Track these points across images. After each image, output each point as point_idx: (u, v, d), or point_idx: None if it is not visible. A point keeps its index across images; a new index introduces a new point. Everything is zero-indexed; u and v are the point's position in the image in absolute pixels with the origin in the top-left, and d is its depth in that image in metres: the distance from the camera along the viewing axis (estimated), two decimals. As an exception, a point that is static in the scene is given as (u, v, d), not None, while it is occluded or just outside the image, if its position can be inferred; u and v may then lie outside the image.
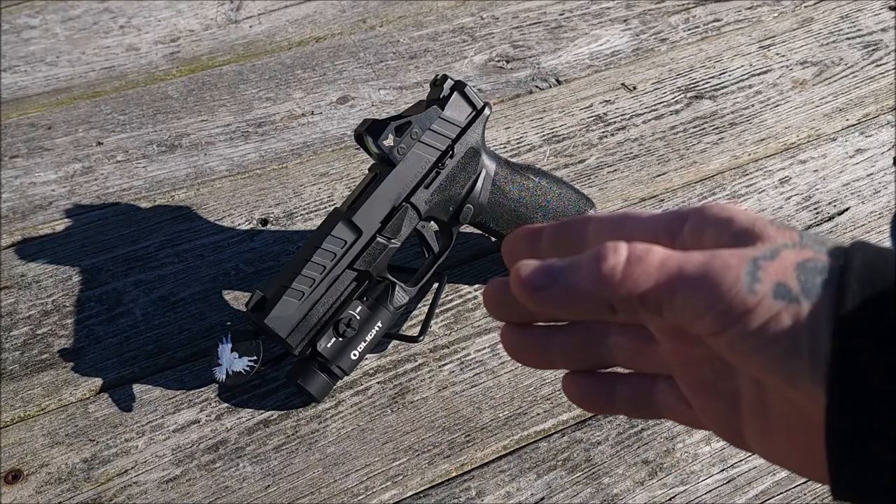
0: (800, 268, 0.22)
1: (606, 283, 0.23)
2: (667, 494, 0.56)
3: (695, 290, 0.22)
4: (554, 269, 0.24)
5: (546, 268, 0.24)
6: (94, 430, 0.60)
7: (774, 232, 0.23)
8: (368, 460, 0.58)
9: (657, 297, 0.23)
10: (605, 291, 0.23)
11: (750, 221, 0.24)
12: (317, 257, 0.57)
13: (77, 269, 0.70)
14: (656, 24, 0.93)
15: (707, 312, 0.22)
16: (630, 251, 0.23)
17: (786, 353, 0.21)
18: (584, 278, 0.24)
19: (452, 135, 0.60)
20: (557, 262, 0.24)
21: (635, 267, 0.23)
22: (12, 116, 0.84)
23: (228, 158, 0.79)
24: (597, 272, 0.23)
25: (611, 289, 0.23)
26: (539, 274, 0.24)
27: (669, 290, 0.22)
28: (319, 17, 0.95)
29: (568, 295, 0.24)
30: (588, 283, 0.23)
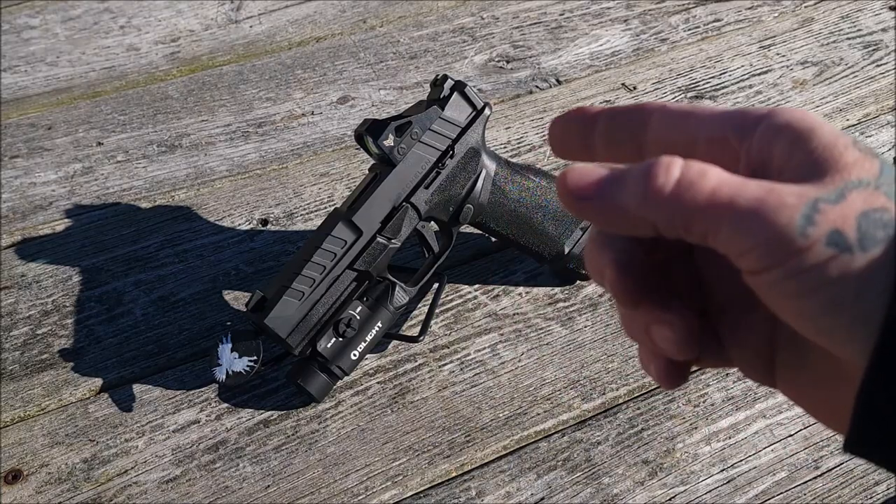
0: (863, 217, 0.20)
1: (653, 205, 0.22)
2: (667, 494, 0.56)
3: (743, 225, 0.21)
4: (602, 182, 0.23)
5: (595, 179, 0.23)
6: (94, 430, 0.60)
7: (854, 159, 0.21)
8: (368, 460, 0.58)
9: (703, 226, 0.21)
10: (650, 214, 0.22)
11: (831, 140, 0.22)
12: (317, 257, 0.57)
13: (77, 269, 0.70)
14: (656, 24, 0.93)
15: (753, 249, 0.21)
16: (683, 173, 0.22)
17: (827, 305, 0.20)
18: (630, 195, 0.22)
19: (453, 135, 0.60)
20: (607, 174, 0.23)
21: (685, 192, 0.21)
22: (12, 116, 0.84)
23: (228, 158, 0.79)
24: (644, 191, 0.22)
25: (656, 212, 0.22)
26: (587, 184, 0.23)
27: (716, 221, 0.21)
28: (319, 17, 0.95)
29: (613, 211, 0.23)
30: (634, 202, 0.22)
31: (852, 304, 0.20)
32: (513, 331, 0.65)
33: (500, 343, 0.64)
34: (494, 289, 0.68)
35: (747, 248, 0.21)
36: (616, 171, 0.23)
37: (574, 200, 0.23)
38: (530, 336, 0.65)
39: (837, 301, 0.20)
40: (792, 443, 0.58)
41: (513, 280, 0.68)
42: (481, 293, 0.67)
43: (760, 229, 0.20)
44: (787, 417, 0.59)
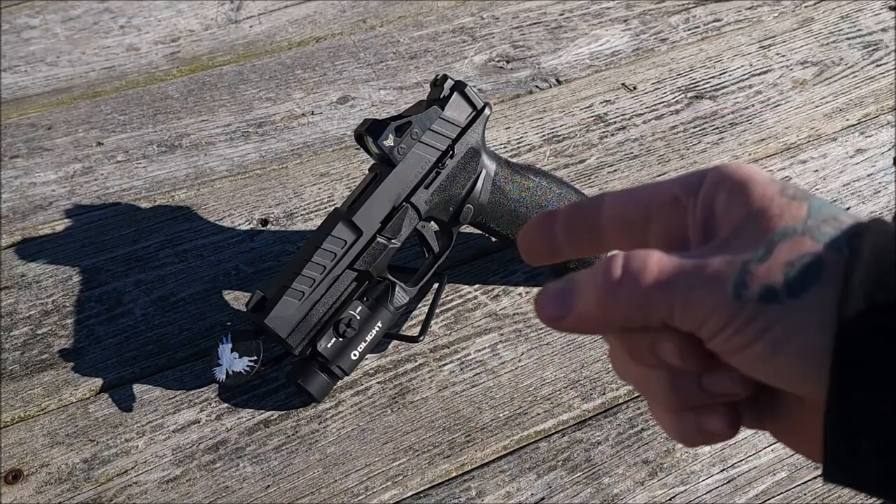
0: (788, 266, 0.22)
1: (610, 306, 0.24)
2: (667, 494, 0.56)
3: (688, 305, 0.23)
4: (564, 295, 0.25)
5: (557, 295, 0.25)
6: (94, 430, 0.60)
7: (780, 210, 0.23)
8: (368, 460, 0.58)
9: (659, 312, 0.24)
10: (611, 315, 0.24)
11: (760, 194, 0.24)
12: (317, 257, 0.57)
13: (77, 269, 0.70)
14: (656, 24, 0.93)
15: (703, 322, 0.23)
16: (625, 268, 0.24)
17: (769, 350, 0.22)
18: (589, 304, 0.25)
19: (452, 135, 0.60)
20: (565, 287, 0.25)
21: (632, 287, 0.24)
22: (12, 116, 0.84)
23: (228, 158, 0.79)
24: (598, 296, 0.24)
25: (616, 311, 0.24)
26: (553, 304, 0.25)
27: (667, 306, 0.24)
28: (319, 17, 0.95)
29: (583, 322, 0.25)
30: (595, 309, 0.25)
31: (787, 345, 0.22)
32: (513, 331, 0.65)
33: (500, 343, 0.64)
34: (494, 289, 0.68)
35: (699, 323, 0.23)
36: (569, 283, 0.25)
37: (552, 323, 0.26)
38: (530, 336, 0.65)
39: (777, 345, 0.22)
40: (792, 443, 0.58)
41: (513, 280, 0.68)
42: (481, 293, 0.67)
43: (703, 305, 0.23)
44: (787, 417, 0.59)
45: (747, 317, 0.22)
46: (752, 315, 0.22)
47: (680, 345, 0.25)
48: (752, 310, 0.22)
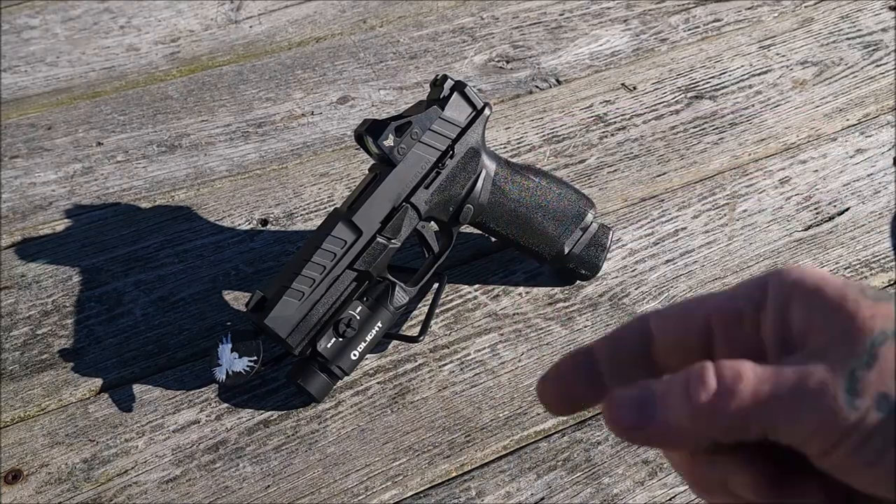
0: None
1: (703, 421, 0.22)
2: (667, 494, 0.56)
3: (795, 417, 0.21)
4: (644, 405, 0.23)
5: (635, 404, 0.23)
6: (94, 430, 0.60)
7: (870, 312, 0.21)
8: (368, 460, 0.58)
9: (759, 428, 0.22)
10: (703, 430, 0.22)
11: (841, 295, 0.22)
12: (317, 257, 0.57)
13: (77, 269, 0.70)
14: (656, 24, 0.93)
15: (813, 437, 0.21)
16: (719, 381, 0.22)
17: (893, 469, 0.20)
18: (677, 417, 0.22)
19: (452, 135, 0.60)
20: (645, 395, 0.23)
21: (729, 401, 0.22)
22: (12, 116, 0.84)
23: (228, 159, 0.79)
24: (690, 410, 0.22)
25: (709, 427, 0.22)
26: (631, 414, 0.23)
27: (770, 420, 0.21)
28: (319, 18, 0.95)
29: (670, 435, 0.23)
30: (683, 422, 0.22)
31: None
32: (513, 331, 0.65)
33: (500, 343, 0.64)
34: (494, 289, 0.68)
35: (807, 437, 0.21)
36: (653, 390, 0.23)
37: (628, 433, 0.23)
38: (530, 336, 0.65)
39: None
40: (792, 443, 0.58)
41: (513, 280, 0.68)
42: (481, 293, 0.67)
43: (813, 417, 0.21)
44: (787, 417, 0.59)
45: (867, 431, 0.20)
46: (873, 430, 0.20)
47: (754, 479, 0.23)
48: (872, 422, 0.20)
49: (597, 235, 0.65)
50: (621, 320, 0.66)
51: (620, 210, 0.74)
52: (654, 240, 0.71)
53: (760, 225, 0.72)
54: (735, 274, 0.69)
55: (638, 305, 0.67)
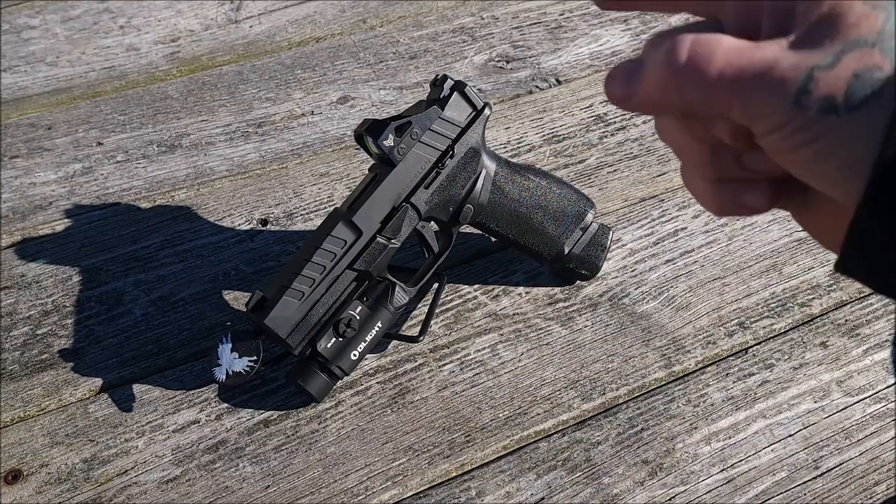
0: (853, 78, 0.22)
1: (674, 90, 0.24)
2: (667, 494, 0.56)
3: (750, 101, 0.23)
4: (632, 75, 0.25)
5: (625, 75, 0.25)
6: (94, 430, 0.60)
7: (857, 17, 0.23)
8: (368, 460, 0.58)
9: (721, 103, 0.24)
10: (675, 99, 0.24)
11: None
12: (317, 257, 0.57)
13: (77, 269, 0.70)
14: (656, 25, 0.93)
15: (760, 119, 0.23)
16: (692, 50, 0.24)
17: (816, 156, 0.23)
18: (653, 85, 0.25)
19: (452, 135, 0.60)
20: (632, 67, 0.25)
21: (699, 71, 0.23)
22: (12, 116, 0.84)
23: (228, 158, 0.79)
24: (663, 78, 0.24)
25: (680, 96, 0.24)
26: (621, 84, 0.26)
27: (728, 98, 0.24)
28: (319, 18, 0.95)
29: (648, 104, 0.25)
30: (659, 91, 0.24)
31: (834, 156, 0.23)
32: (513, 331, 0.65)
33: (499, 343, 0.64)
34: (494, 289, 0.68)
35: (755, 118, 0.24)
36: (637, 63, 0.25)
37: (618, 102, 0.26)
38: (530, 336, 0.65)
39: (825, 152, 0.23)
40: (792, 443, 0.58)
41: (513, 280, 0.68)
42: (481, 293, 0.67)
43: (763, 107, 0.23)
44: (787, 417, 0.60)
45: (802, 124, 0.23)
46: (806, 124, 0.23)
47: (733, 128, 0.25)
48: (808, 118, 0.23)
49: (597, 235, 0.65)
50: (621, 320, 0.66)
51: (620, 210, 0.74)
52: (654, 240, 0.71)
53: (760, 225, 0.72)
54: (735, 274, 0.69)
55: (638, 305, 0.67)
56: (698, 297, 0.67)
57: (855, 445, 0.58)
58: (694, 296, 0.67)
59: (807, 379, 0.62)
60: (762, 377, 0.62)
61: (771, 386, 0.61)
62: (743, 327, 0.65)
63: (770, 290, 0.67)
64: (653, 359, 0.63)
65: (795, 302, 0.67)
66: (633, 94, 0.25)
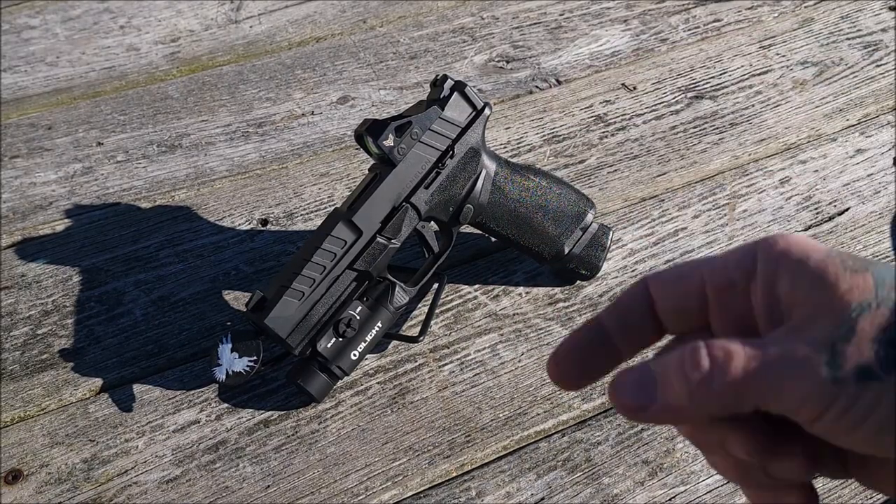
0: (876, 342, 0.22)
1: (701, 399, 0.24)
2: (667, 494, 0.56)
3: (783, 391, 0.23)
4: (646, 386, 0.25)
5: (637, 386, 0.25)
6: (94, 430, 0.60)
7: (848, 286, 0.23)
8: (368, 460, 0.58)
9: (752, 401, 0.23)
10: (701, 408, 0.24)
11: (822, 271, 0.24)
12: (317, 257, 0.57)
13: (77, 269, 0.70)
14: (656, 25, 0.93)
15: (801, 407, 0.23)
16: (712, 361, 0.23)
17: (876, 429, 0.22)
18: (676, 396, 0.24)
19: (452, 135, 0.60)
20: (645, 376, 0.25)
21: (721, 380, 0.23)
22: (12, 116, 0.84)
23: (228, 158, 0.79)
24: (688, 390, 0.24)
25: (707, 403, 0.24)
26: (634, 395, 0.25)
27: (759, 394, 0.23)
28: (319, 18, 0.95)
29: (670, 413, 0.24)
30: (684, 400, 0.24)
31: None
32: (513, 331, 0.65)
33: (500, 343, 0.64)
34: (494, 289, 0.68)
35: (796, 408, 0.23)
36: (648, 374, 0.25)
37: (632, 415, 0.25)
38: (530, 336, 0.65)
39: (885, 423, 0.22)
40: (792, 443, 0.58)
41: (513, 280, 0.68)
42: (481, 293, 0.67)
43: (799, 389, 0.23)
44: (787, 417, 0.59)
45: (848, 400, 0.22)
46: (853, 398, 0.22)
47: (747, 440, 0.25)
48: (852, 392, 0.22)
49: (597, 235, 0.65)
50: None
51: (620, 210, 0.74)
52: (654, 240, 0.71)
53: (760, 225, 0.72)
54: (735, 274, 0.68)
55: (638, 305, 0.66)
56: (698, 297, 0.67)
57: (855, 445, 0.58)
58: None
59: (807, 379, 0.62)
60: (762, 377, 0.62)
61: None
62: (743, 327, 0.65)
63: (770, 290, 0.67)
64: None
65: (795, 302, 0.66)
66: (650, 404, 0.25)
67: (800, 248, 0.25)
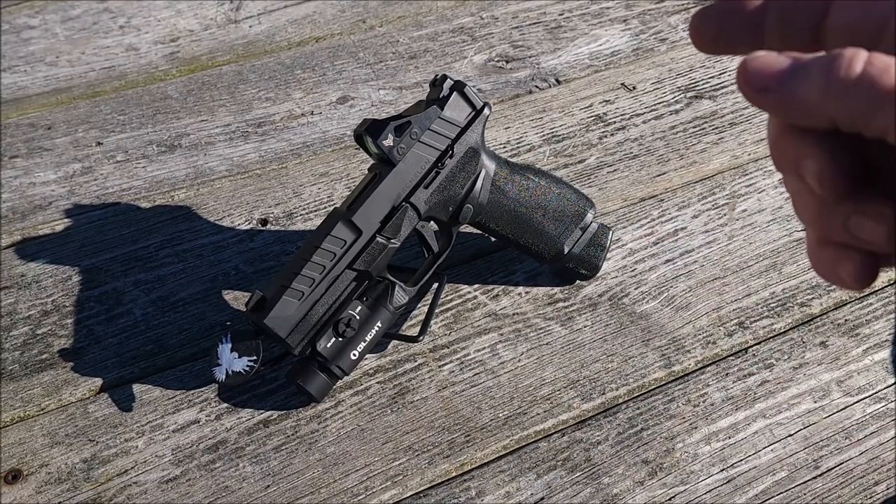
0: None
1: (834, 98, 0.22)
2: (667, 494, 0.56)
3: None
4: (785, 73, 0.23)
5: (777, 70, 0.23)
6: (94, 430, 0.60)
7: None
8: (368, 460, 0.58)
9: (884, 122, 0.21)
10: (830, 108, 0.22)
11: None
12: (316, 257, 0.57)
13: (77, 269, 0.70)
14: (656, 24, 0.93)
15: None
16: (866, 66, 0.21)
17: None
18: (812, 88, 0.22)
19: (452, 135, 0.60)
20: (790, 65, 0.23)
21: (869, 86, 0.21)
22: (12, 116, 0.84)
23: (228, 158, 0.79)
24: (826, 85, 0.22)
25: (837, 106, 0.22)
26: (768, 75, 0.23)
27: None
28: (319, 18, 0.95)
29: (793, 103, 0.23)
30: (816, 96, 0.22)
31: None
32: (512, 331, 0.65)
33: (499, 343, 0.64)
34: (494, 289, 0.68)
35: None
36: (798, 62, 0.23)
37: (753, 92, 0.23)
38: (530, 336, 0.65)
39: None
40: (792, 443, 0.58)
41: (513, 280, 0.68)
42: (481, 293, 0.67)
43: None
44: (787, 417, 0.60)
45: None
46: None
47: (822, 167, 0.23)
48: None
49: (596, 235, 0.65)
50: (621, 320, 0.66)
51: (620, 210, 0.74)
52: (654, 240, 0.71)
53: (760, 225, 0.72)
54: (735, 274, 0.69)
55: (637, 305, 0.67)
56: (698, 297, 0.67)
57: (855, 445, 0.58)
58: (694, 296, 0.67)
59: (806, 379, 0.62)
60: (762, 377, 0.62)
61: (771, 386, 0.61)
62: (743, 327, 0.65)
63: (770, 290, 0.67)
64: (652, 358, 0.63)
65: (795, 302, 0.67)
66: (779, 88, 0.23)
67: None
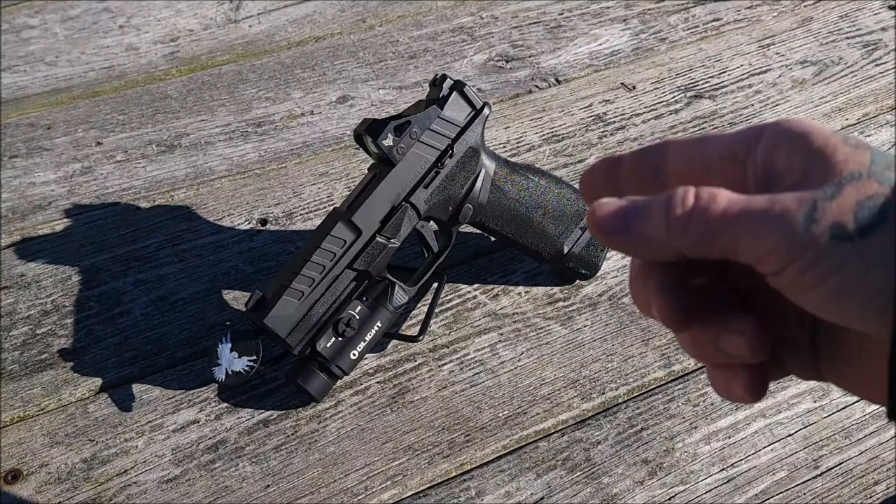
0: (858, 206, 0.23)
1: (676, 233, 0.24)
2: (666, 494, 0.56)
3: (756, 236, 0.23)
4: (628, 215, 0.25)
5: (621, 212, 0.26)
6: (94, 430, 0.60)
7: (845, 156, 0.24)
8: (368, 460, 0.58)
9: (723, 243, 0.24)
10: (674, 241, 0.25)
11: (823, 141, 0.24)
12: (316, 257, 0.57)
13: (77, 269, 0.70)
14: (656, 24, 0.93)
15: (769, 255, 0.23)
16: (696, 199, 0.24)
17: (838, 289, 0.22)
18: (655, 228, 0.25)
19: (452, 134, 0.60)
20: (631, 207, 0.25)
21: (701, 216, 0.24)
22: (12, 116, 0.84)
23: (228, 158, 0.79)
24: (667, 223, 0.25)
25: (680, 238, 0.24)
26: (614, 218, 0.26)
27: (733, 237, 0.24)
28: (319, 17, 0.95)
29: (640, 243, 0.25)
30: (660, 233, 0.25)
31: (859, 284, 0.22)
32: (512, 330, 0.65)
33: (499, 343, 0.64)
34: (494, 288, 0.68)
35: (764, 255, 0.23)
36: (637, 204, 0.26)
37: (604, 235, 0.26)
38: (530, 336, 0.65)
39: (846, 284, 0.22)
40: (791, 442, 0.58)
41: (512, 280, 0.68)
42: (481, 293, 0.67)
43: (771, 236, 0.23)
44: (787, 417, 0.60)
45: (817, 254, 0.22)
46: (822, 253, 0.22)
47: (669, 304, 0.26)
48: (822, 248, 0.22)
49: (596, 235, 0.64)
50: (621, 320, 0.66)
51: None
52: (654, 239, 0.71)
53: (760, 224, 0.72)
54: (734, 273, 0.68)
55: (637, 305, 0.66)
56: (698, 297, 0.67)
57: (854, 445, 0.58)
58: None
59: (806, 378, 0.62)
60: (762, 376, 0.62)
61: (770, 385, 0.61)
62: (742, 327, 0.65)
63: (769, 290, 0.67)
64: (652, 358, 0.63)
65: (795, 301, 0.66)
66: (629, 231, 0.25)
67: (806, 125, 0.25)
